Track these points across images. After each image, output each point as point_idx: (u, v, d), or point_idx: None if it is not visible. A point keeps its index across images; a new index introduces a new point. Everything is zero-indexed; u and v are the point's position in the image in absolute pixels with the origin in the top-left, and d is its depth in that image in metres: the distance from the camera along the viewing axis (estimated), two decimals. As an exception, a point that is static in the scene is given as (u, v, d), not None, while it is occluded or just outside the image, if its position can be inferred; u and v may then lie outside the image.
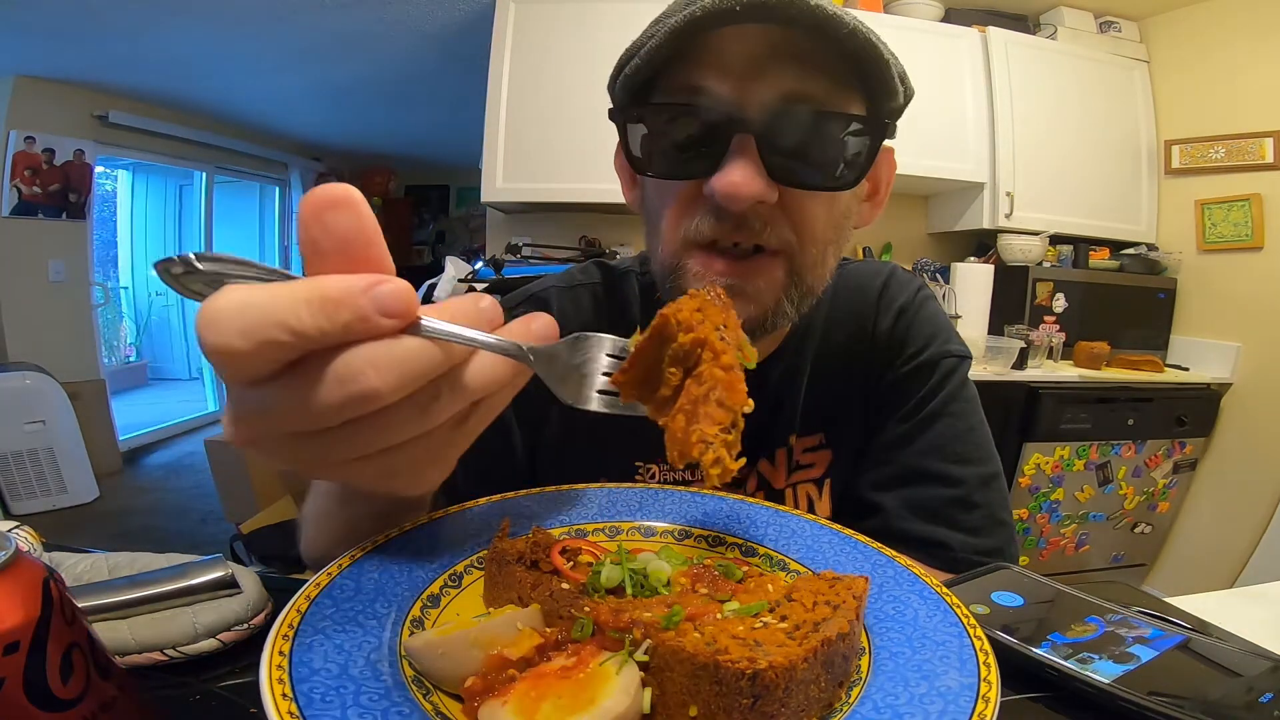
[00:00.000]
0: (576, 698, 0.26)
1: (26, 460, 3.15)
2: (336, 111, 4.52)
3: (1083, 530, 2.47)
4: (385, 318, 0.26)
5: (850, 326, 0.70)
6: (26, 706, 0.22)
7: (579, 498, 0.50)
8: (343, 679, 0.27)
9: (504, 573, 0.37)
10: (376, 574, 0.36)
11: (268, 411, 0.27)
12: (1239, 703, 0.34)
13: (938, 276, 2.73)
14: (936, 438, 0.64)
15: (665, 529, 0.47)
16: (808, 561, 0.43)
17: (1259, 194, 2.45)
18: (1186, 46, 2.68)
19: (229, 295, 0.25)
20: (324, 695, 0.26)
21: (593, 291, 0.72)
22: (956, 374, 0.67)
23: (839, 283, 0.71)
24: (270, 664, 0.27)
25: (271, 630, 0.29)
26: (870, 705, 0.28)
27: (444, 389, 0.29)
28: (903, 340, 0.68)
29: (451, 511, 0.45)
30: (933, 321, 0.70)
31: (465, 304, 0.31)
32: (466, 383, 0.30)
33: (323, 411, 0.26)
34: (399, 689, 0.28)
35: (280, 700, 0.25)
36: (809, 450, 0.70)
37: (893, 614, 0.35)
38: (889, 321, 0.69)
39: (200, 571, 0.38)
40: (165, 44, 3.17)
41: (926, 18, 2.63)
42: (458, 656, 0.30)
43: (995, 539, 0.61)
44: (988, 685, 0.28)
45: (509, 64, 2.41)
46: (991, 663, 0.30)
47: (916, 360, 0.67)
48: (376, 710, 0.26)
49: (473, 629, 0.31)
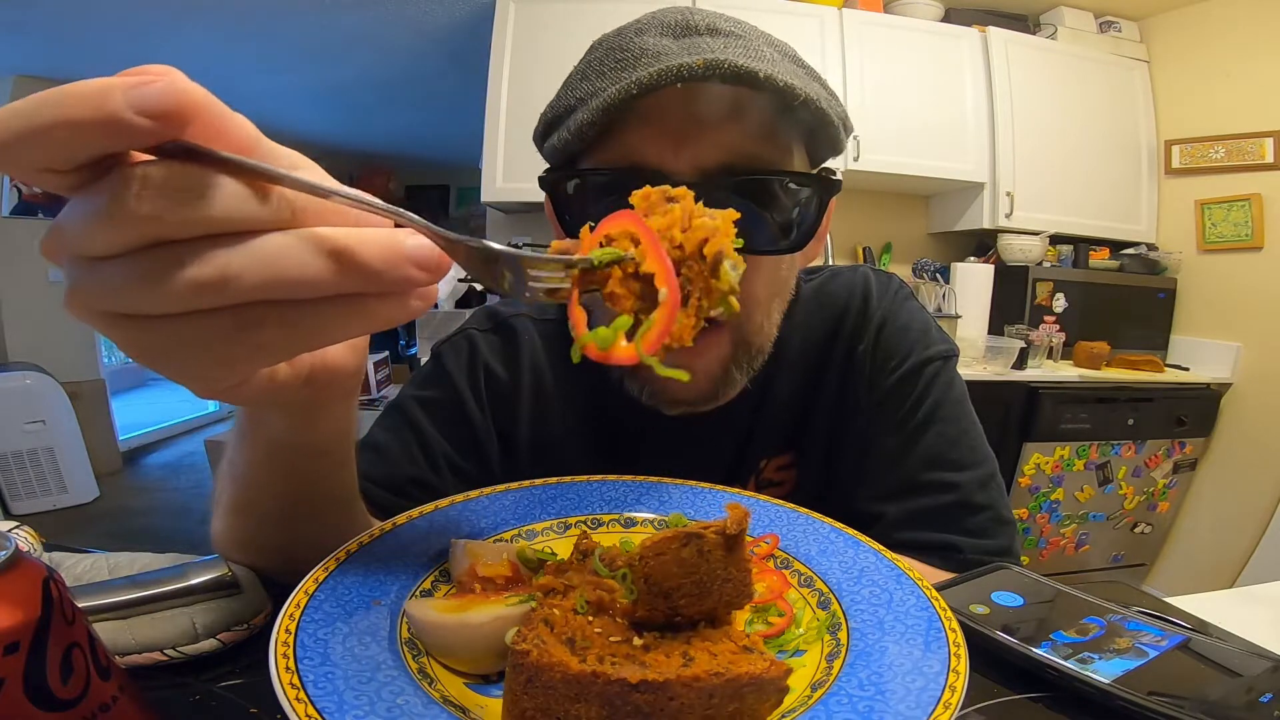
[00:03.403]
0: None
1: (26, 460, 3.14)
2: (336, 111, 4.52)
3: (1083, 530, 2.47)
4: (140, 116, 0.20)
5: (826, 346, 0.68)
6: (27, 706, 0.22)
7: (546, 494, 0.50)
8: (346, 658, 0.29)
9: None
10: (376, 567, 0.37)
11: (59, 224, 0.23)
12: (1239, 703, 0.34)
13: (938, 276, 2.73)
14: (930, 447, 0.63)
15: (611, 518, 0.48)
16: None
17: (1259, 194, 2.45)
18: (1186, 46, 2.68)
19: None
20: (328, 675, 0.27)
21: (487, 340, 0.69)
22: (941, 376, 0.65)
23: (811, 302, 0.69)
24: (277, 643, 0.28)
25: (279, 614, 0.30)
26: (855, 682, 0.29)
27: (229, 249, 0.23)
28: (886, 354, 0.66)
29: (442, 505, 0.46)
30: (911, 327, 0.68)
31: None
32: (263, 254, 0.24)
33: (86, 221, 0.23)
34: (403, 672, 0.29)
35: (284, 671, 0.26)
36: (781, 469, 0.69)
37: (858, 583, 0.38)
38: (869, 342, 0.67)
39: (200, 571, 0.38)
40: (165, 44, 3.17)
41: (926, 18, 2.63)
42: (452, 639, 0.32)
43: (1001, 539, 0.61)
44: (957, 660, 0.30)
45: (509, 64, 2.41)
46: (960, 639, 0.31)
47: (900, 371, 0.65)
48: (373, 688, 0.27)
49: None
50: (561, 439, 0.68)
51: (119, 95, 0.20)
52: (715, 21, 0.53)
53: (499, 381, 0.68)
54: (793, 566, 0.41)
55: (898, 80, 2.52)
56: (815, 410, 0.68)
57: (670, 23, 0.53)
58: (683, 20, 0.53)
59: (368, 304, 0.26)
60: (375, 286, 0.26)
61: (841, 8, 2.51)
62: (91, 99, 0.20)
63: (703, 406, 0.59)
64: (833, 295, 0.70)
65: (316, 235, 0.25)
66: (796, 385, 0.67)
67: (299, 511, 0.42)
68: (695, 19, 0.53)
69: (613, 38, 0.55)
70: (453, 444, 0.65)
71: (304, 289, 0.24)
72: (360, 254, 0.25)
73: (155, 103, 0.21)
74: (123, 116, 0.20)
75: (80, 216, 0.23)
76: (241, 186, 0.23)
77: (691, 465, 0.58)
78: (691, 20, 0.53)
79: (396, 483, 0.62)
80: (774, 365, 0.66)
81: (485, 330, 0.70)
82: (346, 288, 0.25)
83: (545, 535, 0.46)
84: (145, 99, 0.20)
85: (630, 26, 0.55)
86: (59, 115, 0.20)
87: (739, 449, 0.68)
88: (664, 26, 0.53)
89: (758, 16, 0.68)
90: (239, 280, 0.23)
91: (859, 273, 0.72)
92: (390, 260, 0.25)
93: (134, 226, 0.22)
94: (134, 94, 0.20)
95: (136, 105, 0.20)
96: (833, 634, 0.34)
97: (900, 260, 2.92)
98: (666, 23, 0.53)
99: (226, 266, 0.23)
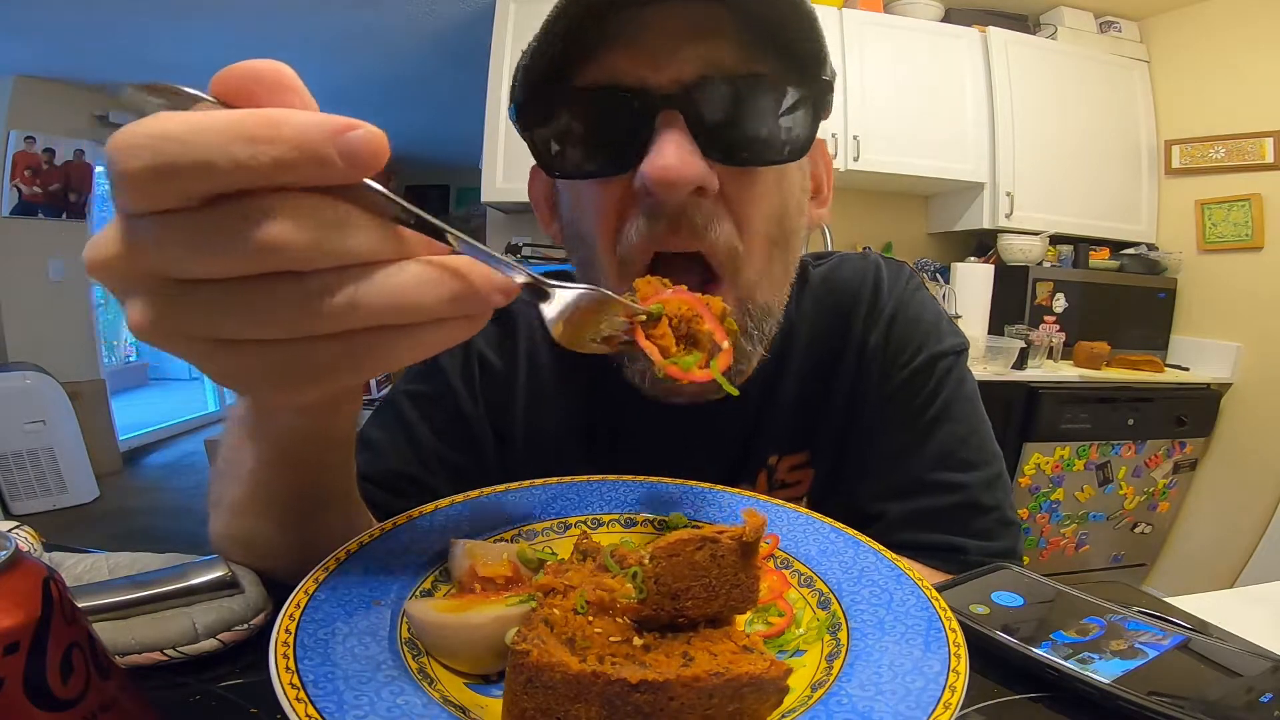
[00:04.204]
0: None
1: (26, 460, 3.15)
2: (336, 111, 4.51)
3: (1083, 530, 2.47)
4: (345, 164, 0.22)
5: (836, 338, 0.66)
6: (27, 706, 0.22)
7: (519, 497, 0.49)
8: (346, 658, 0.29)
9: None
10: (376, 567, 0.37)
11: (149, 243, 0.23)
12: (1239, 703, 0.34)
13: (938, 276, 2.73)
14: (940, 446, 0.61)
15: (611, 518, 0.48)
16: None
17: (1259, 194, 2.46)
18: (1186, 46, 2.68)
19: (149, 123, 0.21)
20: (328, 675, 0.27)
21: (482, 330, 0.68)
22: (953, 373, 0.64)
23: (821, 288, 0.67)
24: (277, 642, 0.28)
25: (279, 614, 0.30)
26: (855, 682, 0.29)
27: (359, 282, 0.24)
28: (898, 347, 0.64)
29: (442, 505, 0.46)
30: (922, 319, 0.65)
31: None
32: (393, 286, 0.24)
33: (205, 248, 0.22)
34: (403, 672, 0.29)
35: (284, 671, 0.27)
36: (795, 469, 0.66)
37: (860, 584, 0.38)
38: (880, 336, 0.64)
39: (200, 571, 0.38)
40: (165, 44, 3.17)
41: (926, 18, 2.63)
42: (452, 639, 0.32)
43: (1006, 540, 0.60)
44: (957, 660, 0.30)
45: (509, 64, 2.41)
46: (960, 639, 0.31)
47: (911, 365, 0.63)
48: (373, 686, 0.27)
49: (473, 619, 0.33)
50: (557, 429, 0.66)
51: (328, 138, 0.22)
52: None
53: (494, 372, 0.66)
54: (793, 566, 0.41)
55: (898, 80, 2.52)
56: (829, 406, 0.65)
57: None
58: None
59: (451, 326, 0.27)
60: (474, 310, 0.27)
61: (841, 8, 2.51)
62: (298, 138, 0.21)
63: (711, 395, 0.57)
64: (842, 283, 0.67)
65: (435, 265, 0.26)
66: (806, 379, 0.65)
67: (304, 507, 0.42)
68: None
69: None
70: (445, 439, 0.64)
71: (420, 315, 0.25)
72: (472, 282, 0.26)
73: (360, 149, 0.22)
74: (328, 157, 0.22)
75: (186, 238, 0.22)
76: (372, 218, 0.24)
77: (693, 458, 0.56)
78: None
79: (390, 480, 0.61)
80: (781, 356, 0.64)
81: None
82: (451, 313, 0.26)
83: (545, 535, 0.46)
84: (353, 146, 0.22)
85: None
86: (264, 151, 0.21)
87: (744, 443, 0.66)
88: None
89: (758, 16, 0.68)
90: (365, 308, 0.24)
91: (870, 260, 0.69)
92: (493, 287, 0.27)
93: (268, 254, 0.22)
94: (343, 141, 0.22)
95: (344, 150, 0.22)
96: (833, 634, 0.34)
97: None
98: None
99: (355, 296, 0.24)
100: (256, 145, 0.21)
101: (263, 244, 0.22)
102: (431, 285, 0.25)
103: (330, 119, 0.22)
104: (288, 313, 0.23)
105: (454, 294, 0.26)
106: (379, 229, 0.24)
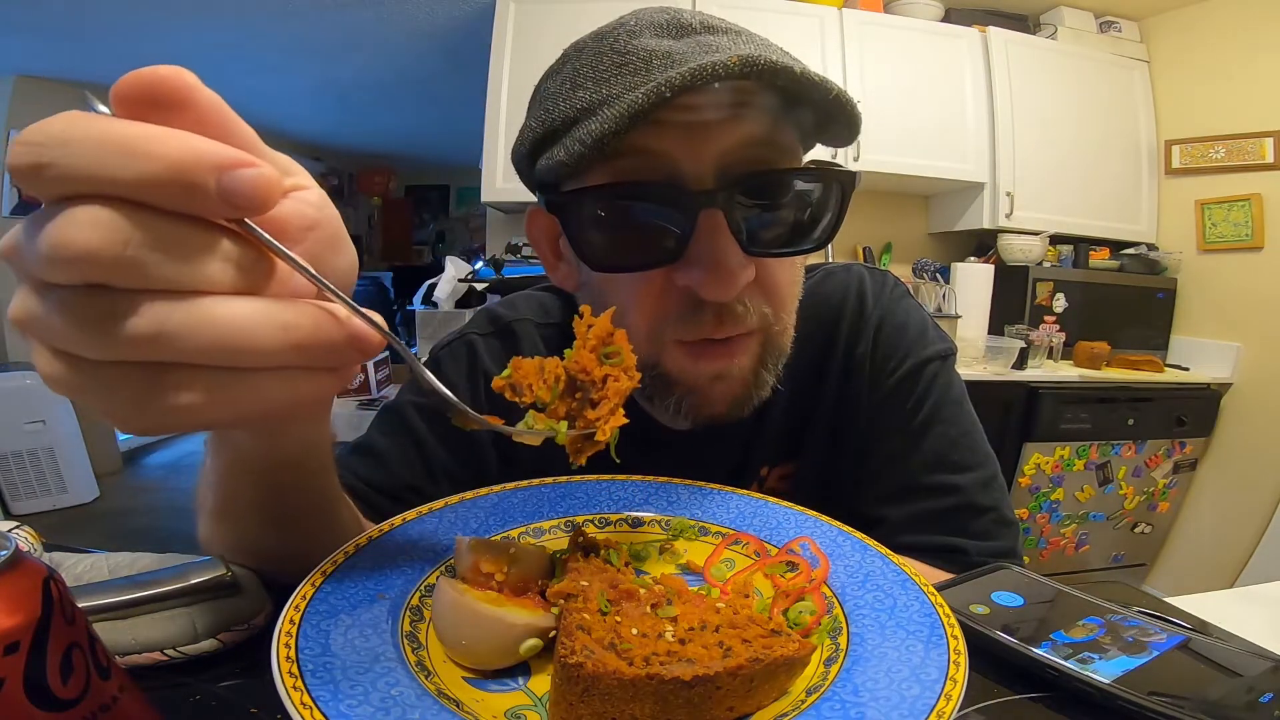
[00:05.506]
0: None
1: (26, 460, 3.14)
2: (336, 111, 4.52)
3: (1083, 530, 2.47)
4: (220, 198, 0.21)
5: (823, 349, 0.67)
6: (27, 706, 0.22)
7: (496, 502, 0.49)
8: (345, 649, 0.29)
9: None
10: (383, 562, 0.38)
11: (15, 234, 0.22)
12: (1239, 703, 0.34)
13: (938, 276, 2.73)
14: (932, 450, 0.62)
15: (619, 518, 0.48)
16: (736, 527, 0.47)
17: (1259, 194, 2.45)
18: (1186, 46, 2.68)
19: (51, 123, 0.21)
20: (327, 665, 0.28)
21: (487, 345, 0.68)
22: (940, 377, 0.64)
23: (806, 301, 0.67)
24: (280, 631, 0.29)
25: (286, 604, 0.31)
26: (850, 688, 0.29)
27: (174, 307, 0.22)
28: (885, 354, 0.65)
29: (451, 502, 0.47)
30: (908, 325, 0.66)
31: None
32: (216, 318, 0.22)
33: (25, 243, 0.22)
34: (400, 664, 0.30)
35: (284, 660, 0.27)
36: (783, 478, 0.68)
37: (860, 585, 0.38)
38: (867, 345, 0.65)
39: (200, 571, 0.38)
40: (165, 44, 3.17)
41: (926, 18, 2.63)
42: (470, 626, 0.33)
43: (1005, 540, 0.61)
44: (955, 667, 0.30)
45: (509, 64, 2.41)
46: (961, 646, 0.31)
47: (899, 372, 0.64)
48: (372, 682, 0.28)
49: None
50: (561, 450, 0.66)
51: (211, 169, 0.21)
52: (706, 19, 0.52)
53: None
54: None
55: (898, 80, 2.52)
56: (815, 418, 0.67)
57: (661, 23, 0.51)
58: (674, 20, 0.51)
59: (300, 379, 0.25)
60: (322, 362, 0.25)
61: (841, 8, 2.51)
62: (176, 160, 0.21)
63: (737, 413, 0.57)
64: (827, 297, 0.68)
65: (283, 306, 0.23)
66: (794, 392, 0.66)
67: (278, 517, 0.41)
68: (685, 18, 0.51)
69: (599, 43, 0.52)
70: (451, 454, 0.64)
71: (256, 359, 0.23)
72: (317, 334, 0.24)
73: (243, 189, 0.21)
74: (202, 185, 0.21)
75: (20, 232, 0.22)
76: (232, 250, 0.23)
77: (694, 476, 0.57)
78: (682, 19, 0.51)
79: (394, 489, 0.61)
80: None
81: (486, 334, 0.69)
82: (296, 361, 0.24)
83: (552, 534, 0.46)
84: (236, 184, 0.21)
85: (614, 30, 0.52)
86: (153, 167, 0.21)
87: (740, 459, 0.67)
88: (656, 27, 0.50)
89: (758, 16, 0.68)
90: (175, 338, 0.22)
91: (853, 272, 0.70)
92: (349, 337, 0.25)
93: (77, 261, 0.21)
94: (228, 176, 0.21)
95: (226, 185, 0.21)
96: (833, 638, 0.34)
97: (900, 260, 2.92)
98: (658, 23, 0.51)
99: (164, 322, 0.22)
100: (132, 158, 0.20)
101: (60, 244, 0.21)
102: (269, 325, 0.23)
103: (224, 151, 0.21)
104: (88, 330, 0.22)
105: (298, 339, 0.23)
106: (232, 264, 0.23)
